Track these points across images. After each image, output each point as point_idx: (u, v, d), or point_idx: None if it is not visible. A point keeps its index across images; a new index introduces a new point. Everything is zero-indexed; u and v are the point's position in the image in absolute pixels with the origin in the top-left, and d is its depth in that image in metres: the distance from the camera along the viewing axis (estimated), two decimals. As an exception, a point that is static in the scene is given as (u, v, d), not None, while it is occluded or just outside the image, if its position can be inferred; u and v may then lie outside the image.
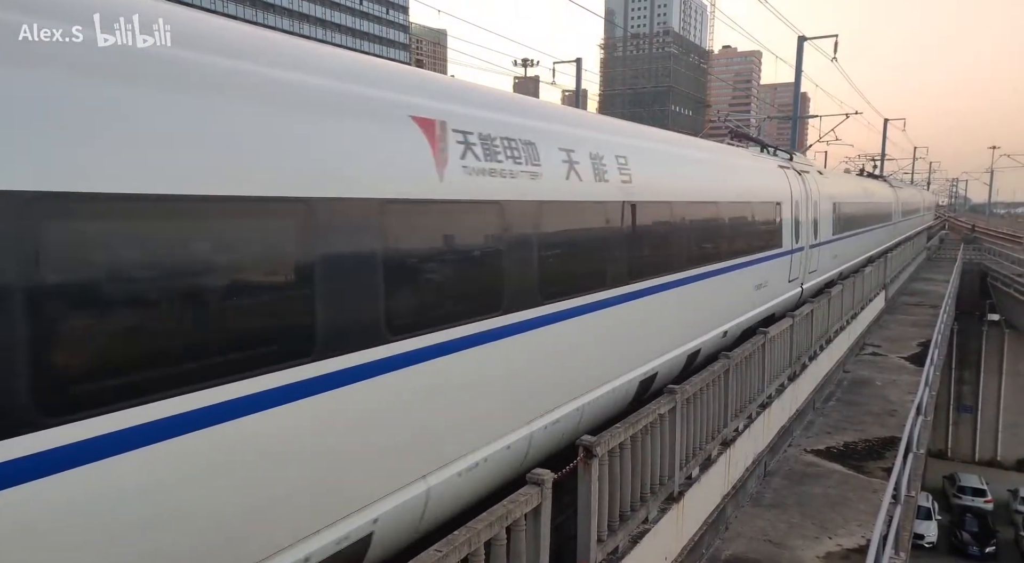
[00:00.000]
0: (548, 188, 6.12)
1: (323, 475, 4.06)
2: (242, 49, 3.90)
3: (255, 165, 3.66)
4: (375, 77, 4.85)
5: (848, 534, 7.62)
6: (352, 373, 4.16)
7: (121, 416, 3.05)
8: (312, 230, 3.96)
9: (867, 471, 9.51)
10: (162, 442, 3.20)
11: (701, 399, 6.98)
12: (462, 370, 5.09)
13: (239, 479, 3.58)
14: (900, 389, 13.62)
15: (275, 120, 3.84)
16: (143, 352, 3.20)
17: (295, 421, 3.83)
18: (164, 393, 3.22)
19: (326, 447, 4.07)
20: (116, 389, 3.07)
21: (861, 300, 17.15)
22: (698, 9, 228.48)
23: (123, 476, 3.08)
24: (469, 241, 5.39)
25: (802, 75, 29.21)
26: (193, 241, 3.42)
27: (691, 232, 9.29)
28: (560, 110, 7.94)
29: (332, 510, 4.15)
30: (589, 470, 4.92)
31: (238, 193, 3.55)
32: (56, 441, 2.85)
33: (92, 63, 3.05)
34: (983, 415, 40.37)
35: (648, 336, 8.14)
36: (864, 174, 35.10)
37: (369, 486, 4.40)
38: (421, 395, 4.74)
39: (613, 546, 5.37)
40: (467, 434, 5.24)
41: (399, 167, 4.62)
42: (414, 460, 4.76)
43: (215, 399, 3.41)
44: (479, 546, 3.70)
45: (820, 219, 16.61)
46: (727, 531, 7.58)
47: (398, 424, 4.56)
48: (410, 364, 4.58)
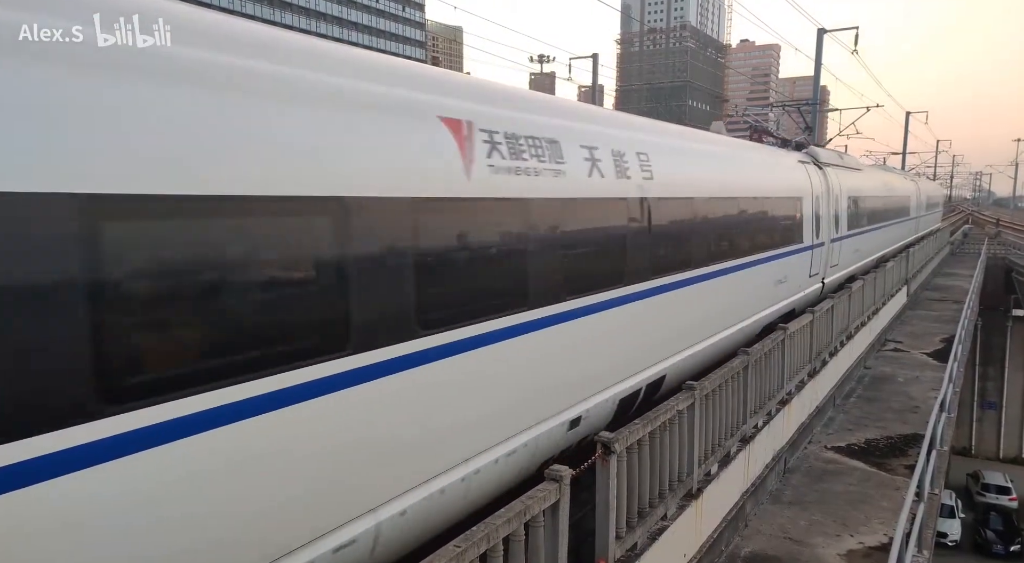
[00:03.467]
0: (571, 185, 6.19)
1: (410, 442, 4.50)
2: (290, 57, 4.08)
3: (299, 167, 3.84)
4: (404, 78, 4.95)
5: (870, 532, 7.53)
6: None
7: (187, 402, 3.25)
8: (349, 228, 4.10)
9: (889, 468, 9.40)
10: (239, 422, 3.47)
11: (720, 395, 6.93)
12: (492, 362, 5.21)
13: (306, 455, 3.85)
14: (923, 385, 13.44)
15: (318, 127, 4.00)
16: (205, 343, 3.41)
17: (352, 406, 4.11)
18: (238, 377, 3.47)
19: (378, 428, 4.28)
20: (178, 378, 3.26)
21: (883, 295, 16.95)
22: (715, 3, 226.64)
23: (194, 459, 3.28)
24: (496, 238, 5.47)
25: (822, 68, 28.88)
26: (243, 239, 3.59)
27: (710, 228, 9.24)
28: (582, 108, 8.07)
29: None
30: (607, 466, 4.91)
31: (289, 193, 3.75)
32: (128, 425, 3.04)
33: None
34: (1008, 412, 39.73)
35: (660, 334, 8.05)
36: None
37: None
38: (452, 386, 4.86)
39: (632, 543, 5.35)
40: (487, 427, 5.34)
41: (429, 167, 4.71)
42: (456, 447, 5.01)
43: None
44: (497, 542, 3.71)
45: (840, 214, 16.45)
46: (746, 528, 7.53)
47: (434, 413, 4.73)
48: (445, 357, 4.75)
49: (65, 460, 2.80)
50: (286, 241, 3.81)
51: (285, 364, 3.67)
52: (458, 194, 4.90)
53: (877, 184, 23.38)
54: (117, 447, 2.96)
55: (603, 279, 6.69)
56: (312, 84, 4.07)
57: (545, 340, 5.76)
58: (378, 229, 4.28)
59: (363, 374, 4.10)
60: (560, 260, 5.97)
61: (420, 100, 4.86)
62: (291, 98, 3.89)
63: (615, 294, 6.82)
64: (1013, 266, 35.73)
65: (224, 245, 3.49)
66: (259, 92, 3.72)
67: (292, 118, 3.84)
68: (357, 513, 4.16)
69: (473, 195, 5.04)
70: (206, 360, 3.37)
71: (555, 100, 7.60)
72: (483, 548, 3.58)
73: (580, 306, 6.23)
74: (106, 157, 2.96)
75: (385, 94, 4.61)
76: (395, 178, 4.42)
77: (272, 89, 3.81)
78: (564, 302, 6.00)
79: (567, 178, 6.08)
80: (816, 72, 29.11)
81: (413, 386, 4.49)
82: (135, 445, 3.02)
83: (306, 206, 3.84)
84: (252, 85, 3.69)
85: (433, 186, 4.70)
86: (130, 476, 3.02)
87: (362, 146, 4.23)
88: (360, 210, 4.14)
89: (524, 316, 5.50)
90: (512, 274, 5.51)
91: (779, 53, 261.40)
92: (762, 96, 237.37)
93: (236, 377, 3.43)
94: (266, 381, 3.56)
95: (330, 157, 4.00)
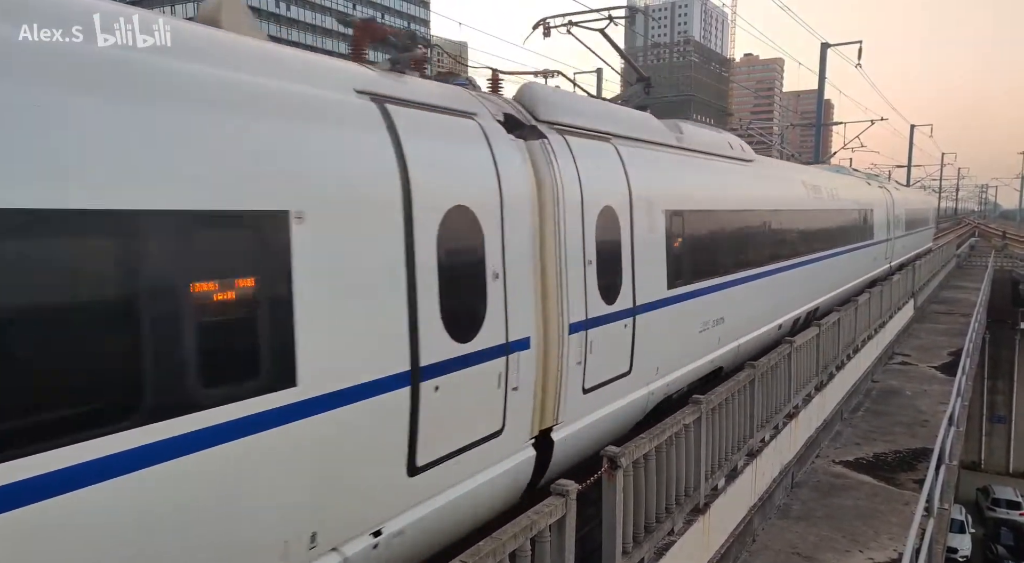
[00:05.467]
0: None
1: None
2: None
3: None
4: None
5: (880, 547, 7.46)
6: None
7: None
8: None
9: (898, 483, 9.32)
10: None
11: (726, 409, 6.91)
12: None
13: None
14: (931, 399, 13.35)
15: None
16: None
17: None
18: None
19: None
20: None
21: (889, 308, 16.88)
22: (719, 17, 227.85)
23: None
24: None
25: (826, 82, 28.97)
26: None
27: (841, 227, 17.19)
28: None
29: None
30: (614, 481, 4.89)
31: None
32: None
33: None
34: (1017, 425, 39.39)
35: (823, 277, 15.74)
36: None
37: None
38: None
39: (638, 558, 5.32)
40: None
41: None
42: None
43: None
44: (504, 557, 3.70)
45: (894, 219, 23.20)
46: (754, 543, 7.47)
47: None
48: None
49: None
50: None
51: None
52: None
53: (913, 198, 22.76)
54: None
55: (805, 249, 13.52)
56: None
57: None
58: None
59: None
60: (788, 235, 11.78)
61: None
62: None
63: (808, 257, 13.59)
64: (1020, 279, 35.58)
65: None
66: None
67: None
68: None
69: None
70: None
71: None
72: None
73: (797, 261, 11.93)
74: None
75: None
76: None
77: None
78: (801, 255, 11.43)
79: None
80: (820, 87, 29.23)
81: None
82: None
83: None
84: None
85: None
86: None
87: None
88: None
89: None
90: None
91: (783, 67, 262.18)
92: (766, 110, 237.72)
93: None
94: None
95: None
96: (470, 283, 5.18)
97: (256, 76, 3.96)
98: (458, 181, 5.13)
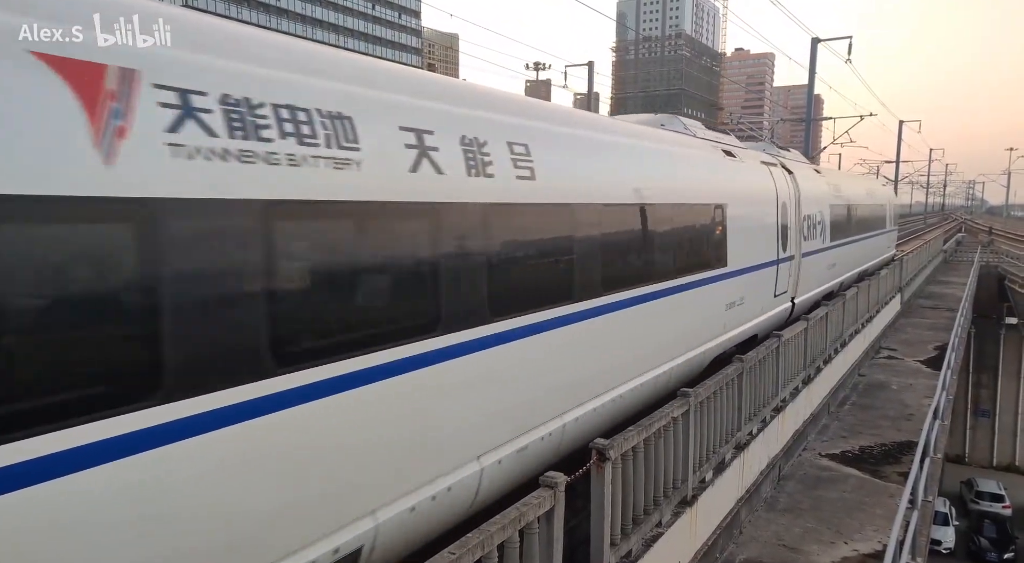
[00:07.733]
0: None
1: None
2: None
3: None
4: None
5: (864, 539, 7.54)
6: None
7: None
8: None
9: (883, 476, 9.42)
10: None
11: (715, 402, 6.94)
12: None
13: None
14: (916, 393, 13.49)
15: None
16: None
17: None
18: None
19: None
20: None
21: (876, 303, 17.01)
22: (710, 11, 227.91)
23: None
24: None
25: (816, 77, 29.05)
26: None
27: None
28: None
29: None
30: (602, 473, 4.91)
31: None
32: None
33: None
34: (1001, 419, 39.82)
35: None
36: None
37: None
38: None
39: (626, 549, 5.35)
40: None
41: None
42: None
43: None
44: (492, 549, 3.71)
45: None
46: (741, 535, 7.53)
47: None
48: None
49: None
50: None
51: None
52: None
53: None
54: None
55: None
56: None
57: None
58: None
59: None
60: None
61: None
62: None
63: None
64: (1006, 274, 35.87)
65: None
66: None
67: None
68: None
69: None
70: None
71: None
72: (478, 555, 3.58)
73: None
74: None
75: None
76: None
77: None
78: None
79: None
80: (810, 82, 29.29)
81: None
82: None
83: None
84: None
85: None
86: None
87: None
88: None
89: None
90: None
91: (773, 62, 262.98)
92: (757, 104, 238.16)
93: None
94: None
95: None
96: (787, 232, 12.75)
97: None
98: (787, 189, 13.11)
